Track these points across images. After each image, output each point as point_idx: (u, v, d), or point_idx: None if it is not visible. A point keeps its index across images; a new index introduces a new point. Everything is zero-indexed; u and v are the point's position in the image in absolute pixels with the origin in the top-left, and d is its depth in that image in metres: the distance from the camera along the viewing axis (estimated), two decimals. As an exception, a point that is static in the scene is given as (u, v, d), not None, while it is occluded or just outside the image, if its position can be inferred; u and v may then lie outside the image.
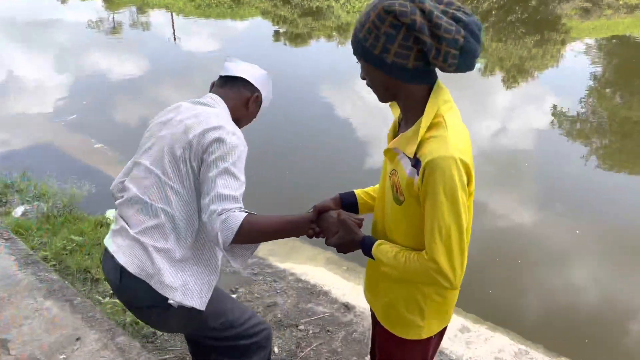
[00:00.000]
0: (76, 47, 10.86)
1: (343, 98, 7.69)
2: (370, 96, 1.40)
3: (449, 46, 1.15)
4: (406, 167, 1.27)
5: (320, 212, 1.53)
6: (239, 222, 1.42)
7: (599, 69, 9.13)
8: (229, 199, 1.46)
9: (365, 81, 1.31)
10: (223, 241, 1.43)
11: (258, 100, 1.81)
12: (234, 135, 1.56)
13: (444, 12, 1.17)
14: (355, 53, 1.26)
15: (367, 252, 1.40)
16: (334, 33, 12.54)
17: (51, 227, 3.71)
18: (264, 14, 14.94)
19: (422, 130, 1.22)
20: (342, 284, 3.34)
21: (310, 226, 1.52)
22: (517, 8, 13.29)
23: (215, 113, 1.64)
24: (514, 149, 5.98)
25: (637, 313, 3.37)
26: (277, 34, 12.68)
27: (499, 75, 9.16)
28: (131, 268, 1.56)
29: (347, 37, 12.22)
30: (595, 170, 5.38)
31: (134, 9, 16.00)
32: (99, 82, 8.36)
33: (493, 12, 13.11)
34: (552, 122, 6.77)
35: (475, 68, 1.24)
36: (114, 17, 14.72)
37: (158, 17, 14.88)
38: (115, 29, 13.31)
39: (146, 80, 8.65)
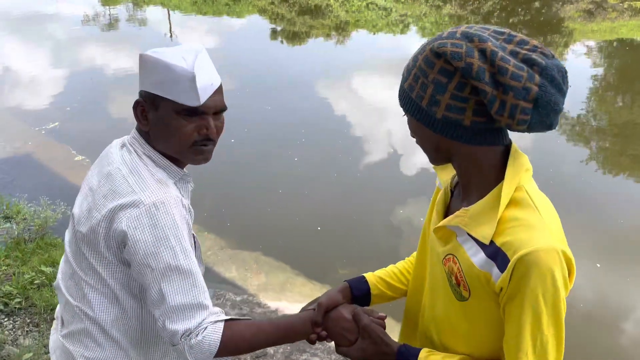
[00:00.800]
0: (68, 42, 10.48)
1: (338, 96, 7.35)
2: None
3: (517, 97, 0.85)
4: (474, 254, 0.95)
5: (327, 310, 1.16)
6: (217, 344, 1.06)
7: (600, 71, 8.88)
8: (189, 310, 1.06)
9: (415, 139, 1.03)
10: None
11: (144, 110, 1.17)
12: (155, 210, 1.06)
13: (513, 54, 0.88)
14: (401, 105, 1.00)
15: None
16: (333, 32, 12.14)
17: (20, 254, 3.34)
18: (262, 11, 14.50)
19: (502, 207, 0.91)
20: None
21: (314, 330, 1.14)
22: (519, 10, 12.94)
23: (127, 170, 1.13)
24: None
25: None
26: (274, 32, 12.26)
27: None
28: None
29: (346, 35, 11.83)
30: (595, 173, 5.29)
31: (130, 4, 15.54)
32: (89, 81, 7.94)
33: (495, 14, 12.76)
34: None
35: (556, 127, 0.94)
36: (109, 12, 14.27)
37: (154, 13, 14.45)
38: (111, 24, 12.89)
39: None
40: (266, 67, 9.28)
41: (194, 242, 1.27)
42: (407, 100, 0.96)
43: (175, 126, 1.12)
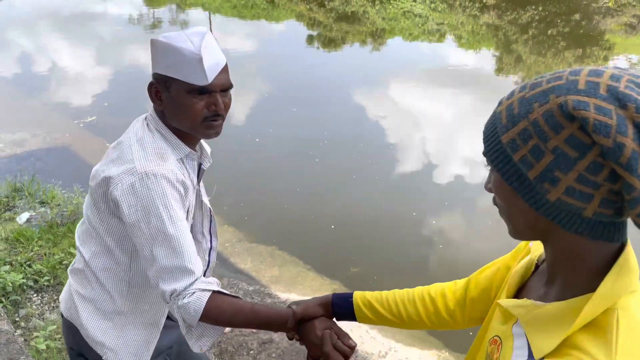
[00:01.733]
0: (112, 42, 10.90)
1: (368, 101, 7.42)
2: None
3: None
4: (519, 356, 0.74)
5: (304, 320, 1.19)
6: (200, 310, 1.17)
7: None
8: (176, 273, 1.17)
9: (492, 195, 0.79)
10: (187, 326, 1.22)
11: (158, 92, 1.28)
12: (146, 177, 1.17)
13: None
14: (485, 155, 0.75)
15: None
16: (369, 38, 12.20)
17: (53, 237, 3.55)
18: (299, 17, 14.71)
19: (575, 327, 0.67)
20: (348, 323, 3.07)
21: (287, 330, 1.22)
22: (558, 21, 12.66)
23: (134, 140, 1.25)
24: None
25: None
26: (310, 38, 12.43)
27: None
28: (62, 305, 1.43)
29: (382, 42, 11.88)
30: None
31: (173, 6, 16.04)
32: (129, 80, 8.28)
33: (533, 25, 12.52)
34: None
35: None
36: (153, 13, 14.77)
37: (196, 16, 14.86)
38: (154, 24, 13.34)
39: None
40: (301, 71, 9.44)
41: (210, 216, 1.47)
42: (502, 158, 0.70)
43: (186, 104, 1.23)
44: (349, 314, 1.20)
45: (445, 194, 5.00)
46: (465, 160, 5.76)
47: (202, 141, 1.42)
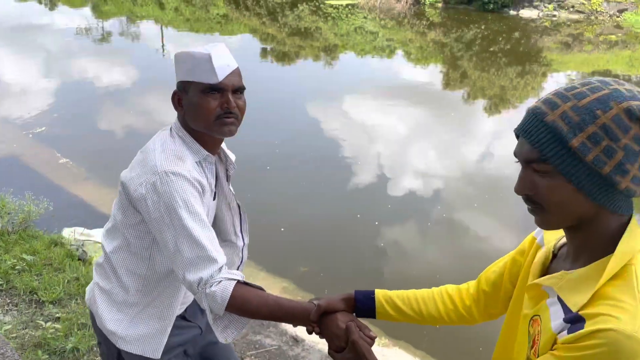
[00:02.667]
0: (62, 54, 10.59)
1: (324, 114, 7.57)
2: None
3: None
4: (556, 318, 0.87)
5: (326, 312, 1.23)
6: (227, 299, 1.21)
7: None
8: (200, 262, 1.23)
9: (526, 199, 0.90)
10: (214, 315, 1.26)
11: (179, 98, 1.38)
12: (164, 176, 1.25)
13: None
14: (548, 161, 0.84)
15: None
16: (322, 53, 12.46)
17: (4, 244, 3.43)
18: (253, 31, 14.83)
19: (604, 279, 0.83)
20: None
21: (309, 323, 1.25)
22: (500, 39, 13.40)
23: (158, 145, 1.33)
24: (493, 173, 5.93)
25: None
26: (264, 52, 12.55)
27: (481, 103, 9.12)
28: (86, 297, 1.52)
29: (334, 57, 12.15)
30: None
31: (123, 18, 15.78)
32: (78, 92, 8.11)
33: (477, 42, 13.19)
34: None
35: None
36: (103, 26, 14.47)
37: (147, 29, 14.67)
38: (103, 37, 13.06)
39: (130, 92, 8.42)
40: (255, 85, 9.49)
41: (240, 215, 1.58)
42: (573, 163, 0.81)
43: (201, 104, 1.31)
44: (370, 310, 1.26)
45: (390, 201, 5.15)
46: (411, 170, 6.00)
47: (226, 149, 1.51)
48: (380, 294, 1.26)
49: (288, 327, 2.94)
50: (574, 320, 0.83)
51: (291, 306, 1.26)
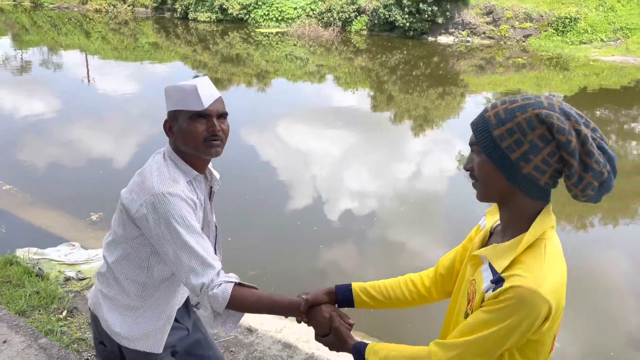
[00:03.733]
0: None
1: (263, 141, 7.59)
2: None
3: (594, 177, 1.05)
4: (486, 280, 1.12)
5: (312, 305, 1.45)
6: (227, 299, 1.41)
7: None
8: (200, 269, 1.40)
9: (468, 172, 1.17)
10: (215, 313, 1.45)
11: (170, 126, 1.52)
12: (161, 197, 1.40)
13: (592, 139, 1.05)
14: (478, 144, 1.12)
15: (360, 357, 1.31)
16: (254, 79, 12.52)
17: None
18: (184, 58, 14.66)
19: (521, 247, 1.07)
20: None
21: (299, 315, 1.46)
22: (421, 64, 14.10)
23: (154, 169, 1.48)
24: (423, 188, 6.15)
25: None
26: (196, 78, 12.41)
27: (407, 123, 9.52)
28: (89, 301, 1.65)
29: (267, 82, 12.26)
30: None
31: (44, 48, 15.07)
32: (5, 122, 7.60)
33: (400, 67, 13.80)
34: (458, 167, 7.05)
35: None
36: (22, 56, 13.73)
37: (71, 58, 14.09)
38: (23, 68, 12.39)
39: (55, 120, 8.06)
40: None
41: (215, 233, 1.72)
42: (493, 147, 1.08)
43: (189, 129, 1.46)
44: (349, 301, 1.47)
45: (325, 222, 5.28)
46: (346, 190, 6.14)
47: (212, 169, 1.65)
48: (356, 286, 1.48)
49: (242, 320, 3.05)
50: (497, 281, 1.08)
51: (283, 301, 1.46)
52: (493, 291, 1.07)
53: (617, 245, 5.23)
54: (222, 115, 1.52)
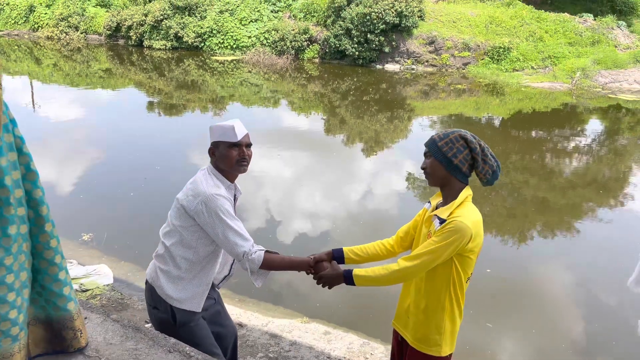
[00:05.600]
0: None
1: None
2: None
3: (490, 169, 1.95)
4: (437, 225, 1.94)
5: (317, 261, 2.16)
6: (261, 260, 2.07)
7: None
8: (242, 242, 2.06)
9: (423, 170, 2.01)
10: (251, 271, 2.10)
11: (213, 151, 2.20)
12: (211, 196, 2.05)
13: (486, 149, 1.95)
14: (430, 151, 1.97)
15: (349, 279, 1.98)
16: (209, 105, 12.36)
17: None
18: (138, 85, 14.30)
19: (454, 205, 1.92)
20: (236, 310, 3.95)
21: (309, 268, 2.16)
22: (370, 90, 14.41)
23: (202, 179, 2.13)
24: (372, 209, 6.18)
25: None
26: (151, 104, 12.13)
27: (359, 146, 9.62)
28: (147, 276, 2.27)
29: (222, 107, 12.12)
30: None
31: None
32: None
33: (351, 92, 14.04)
34: (407, 185, 7.15)
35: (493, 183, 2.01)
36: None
37: (17, 84, 13.45)
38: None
39: None
40: (139, 135, 9.09)
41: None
42: (439, 152, 1.93)
43: (227, 154, 2.16)
44: (341, 258, 2.17)
45: (279, 244, 5.21)
46: (301, 211, 6.09)
47: (237, 183, 2.29)
48: (346, 249, 2.19)
49: (234, 317, 3.65)
50: (443, 221, 1.91)
51: (298, 260, 2.17)
52: (440, 225, 1.90)
53: (553, 255, 5.41)
54: (248, 146, 2.22)
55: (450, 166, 1.89)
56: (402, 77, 16.14)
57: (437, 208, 2.01)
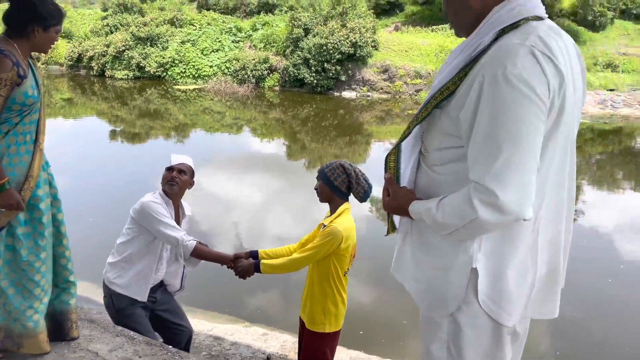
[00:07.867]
0: None
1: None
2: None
3: (362, 189, 2.39)
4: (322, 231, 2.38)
5: (237, 257, 2.54)
6: (193, 248, 2.52)
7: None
8: (174, 231, 2.53)
9: (315, 190, 2.48)
10: (184, 257, 2.55)
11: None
12: (148, 202, 2.58)
13: (360, 174, 2.42)
14: (319, 176, 2.43)
15: (257, 267, 2.41)
16: (172, 132, 12.15)
17: None
18: (100, 114, 13.92)
19: (334, 216, 2.38)
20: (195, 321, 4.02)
21: (229, 262, 2.54)
22: (329, 116, 14.60)
23: (149, 196, 2.66)
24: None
25: None
26: (114, 133, 11.80)
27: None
28: (103, 273, 2.72)
29: (185, 135, 11.95)
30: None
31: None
32: None
33: (310, 118, 14.17)
34: (370, 208, 7.20)
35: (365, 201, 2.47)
36: None
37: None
38: None
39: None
40: (103, 164, 8.81)
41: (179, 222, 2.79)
42: (325, 176, 2.38)
43: (163, 175, 2.69)
44: (257, 256, 2.55)
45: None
46: (269, 234, 6.02)
47: (184, 203, 2.84)
48: (261, 251, 2.60)
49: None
50: (324, 226, 2.37)
51: (222, 255, 2.60)
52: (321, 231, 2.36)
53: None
54: (181, 171, 2.69)
55: (332, 187, 2.35)
56: (358, 104, 16.45)
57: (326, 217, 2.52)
